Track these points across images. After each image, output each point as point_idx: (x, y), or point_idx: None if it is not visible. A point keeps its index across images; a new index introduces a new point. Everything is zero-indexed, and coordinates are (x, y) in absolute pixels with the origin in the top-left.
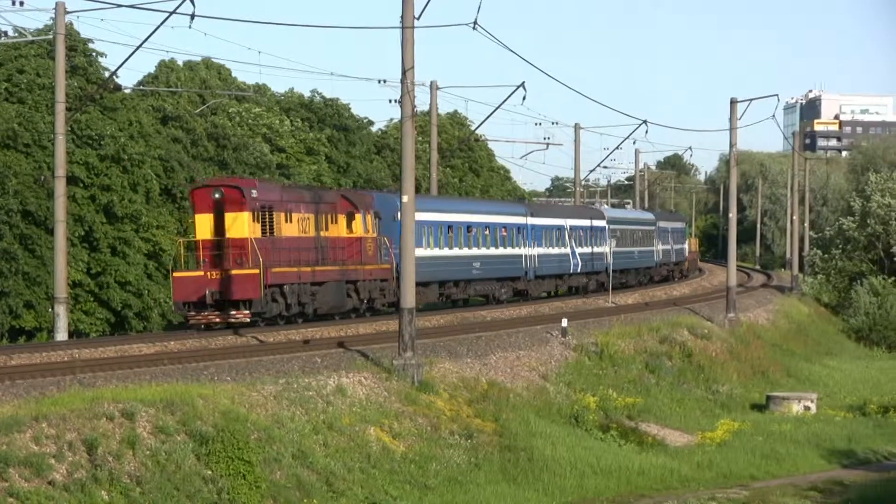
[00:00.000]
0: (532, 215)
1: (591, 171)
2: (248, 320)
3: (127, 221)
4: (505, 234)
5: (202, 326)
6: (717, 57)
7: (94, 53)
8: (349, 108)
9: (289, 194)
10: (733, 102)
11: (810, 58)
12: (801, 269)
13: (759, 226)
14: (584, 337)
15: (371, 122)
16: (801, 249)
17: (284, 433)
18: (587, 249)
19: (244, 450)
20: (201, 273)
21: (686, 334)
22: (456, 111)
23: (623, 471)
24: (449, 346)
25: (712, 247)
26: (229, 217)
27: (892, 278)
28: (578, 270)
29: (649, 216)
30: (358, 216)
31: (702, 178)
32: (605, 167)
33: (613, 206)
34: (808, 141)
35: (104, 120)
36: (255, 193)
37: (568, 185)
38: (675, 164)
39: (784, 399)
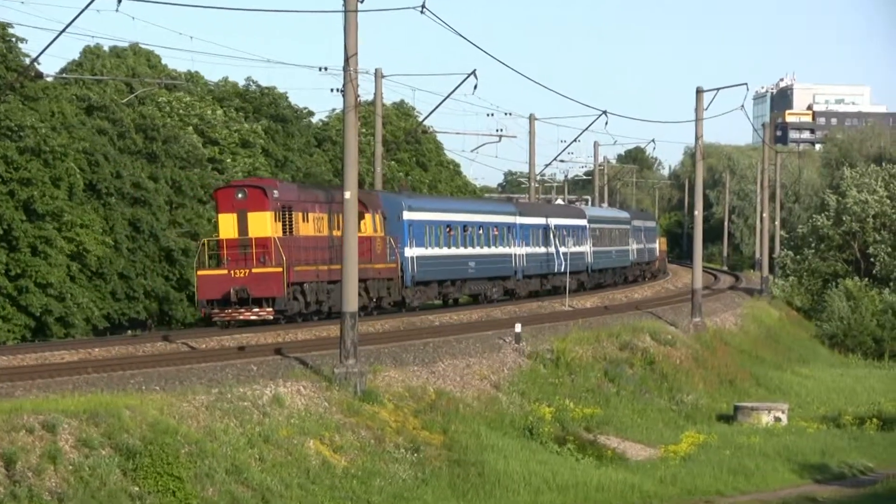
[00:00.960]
0: (521, 214)
1: (546, 166)
2: (272, 318)
3: (48, 219)
4: (496, 233)
5: (226, 323)
6: (683, 44)
7: (13, 39)
8: (287, 98)
9: (305, 194)
10: (699, 92)
11: (781, 45)
12: (771, 270)
13: (726, 224)
14: (538, 343)
15: (311, 113)
16: (771, 249)
17: (217, 447)
18: (570, 249)
19: (174, 464)
20: (225, 271)
21: (648, 340)
22: (402, 101)
23: (580, 486)
24: (394, 353)
25: (676, 246)
26: (252, 217)
27: (868, 280)
28: (562, 270)
29: (624, 215)
30: (368, 216)
31: (665, 172)
32: (561, 161)
33: (571, 203)
34: (779, 133)
35: (24, 110)
36: (276, 193)
37: (522, 179)
38: (636, 158)
39: (753, 409)
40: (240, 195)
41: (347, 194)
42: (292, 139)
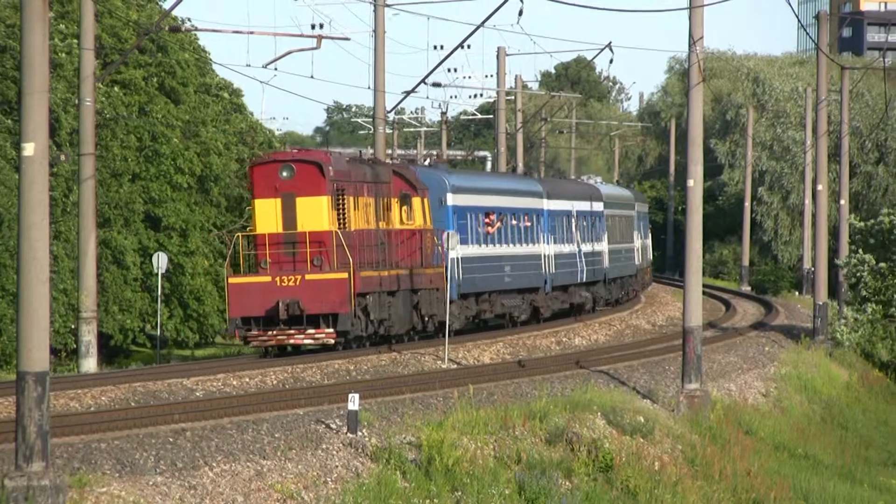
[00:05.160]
0: (548, 196)
1: (408, 94)
2: (333, 342)
3: None
4: (528, 224)
5: (269, 351)
6: None
7: None
8: None
9: (355, 171)
10: None
11: None
12: (833, 292)
13: (748, 204)
14: (393, 431)
15: None
16: (834, 252)
17: None
18: (589, 247)
19: None
20: (268, 279)
21: (601, 426)
22: None
23: None
24: (120, 450)
25: (655, 246)
26: (303, 203)
27: None
28: (584, 279)
29: (627, 194)
30: (415, 200)
31: (632, 107)
32: (435, 85)
33: (451, 162)
34: (846, 33)
35: None
36: (331, 171)
37: (361, 120)
38: (578, 80)
39: None
40: (285, 173)
41: (28, 148)
42: None
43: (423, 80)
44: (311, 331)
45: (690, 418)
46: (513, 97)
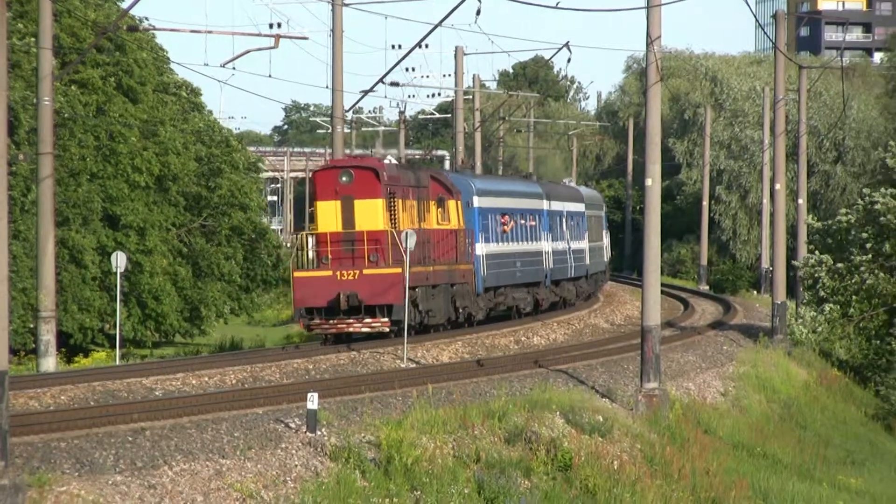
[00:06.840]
0: (547, 198)
1: (366, 94)
2: (388, 330)
3: None
4: (534, 223)
5: (328, 338)
6: None
7: None
8: None
9: (404, 176)
10: None
11: None
12: (791, 291)
13: (706, 203)
14: (352, 430)
15: None
16: (792, 252)
17: None
18: (576, 245)
19: None
20: (329, 273)
21: (560, 425)
22: None
23: None
24: (79, 450)
25: (613, 246)
26: (360, 205)
27: None
28: (573, 274)
29: (598, 195)
30: (450, 203)
31: (590, 106)
32: (393, 84)
33: (403, 162)
34: (804, 32)
35: None
36: (385, 176)
37: (319, 119)
38: (535, 80)
39: None
40: (344, 178)
41: None
42: None
43: (381, 80)
44: (368, 320)
45: (649, 417)
46: (471, 96)
